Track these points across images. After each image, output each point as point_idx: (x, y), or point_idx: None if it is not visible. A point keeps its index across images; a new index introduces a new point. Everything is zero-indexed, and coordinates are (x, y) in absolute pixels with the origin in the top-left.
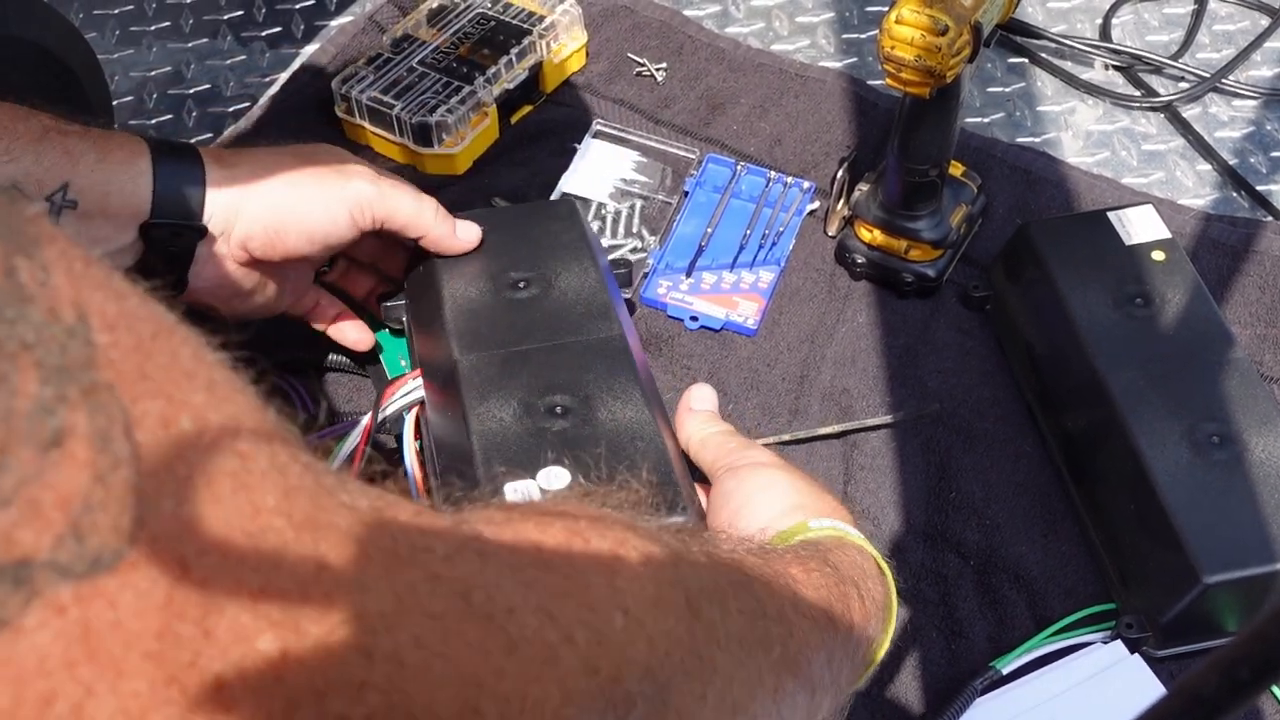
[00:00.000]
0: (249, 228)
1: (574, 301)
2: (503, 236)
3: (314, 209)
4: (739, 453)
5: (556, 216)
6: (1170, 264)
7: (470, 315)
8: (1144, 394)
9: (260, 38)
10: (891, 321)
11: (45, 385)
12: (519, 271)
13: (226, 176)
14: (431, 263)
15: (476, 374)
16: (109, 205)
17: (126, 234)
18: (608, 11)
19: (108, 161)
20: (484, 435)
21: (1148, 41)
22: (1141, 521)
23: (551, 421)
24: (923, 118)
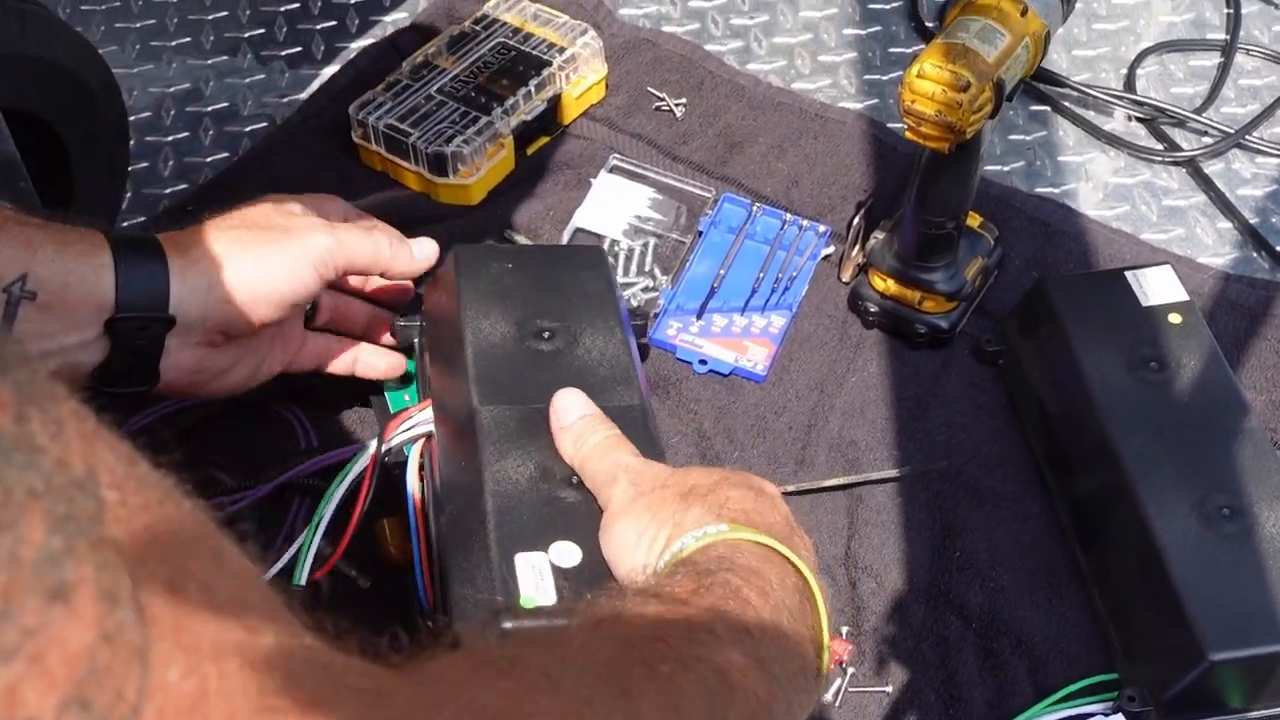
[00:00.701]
0: (220, 312)
1: (597, 362)
2: (530, 279)
3: (279, 276)
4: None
5: (586, 265)
6: (1187, 327)
7: (492, 361)
8: (1156, 461)
9: (280, 57)
10: (902, 372)
11: (53, 535)
12: (545, 320)
13: (189, 264)
14: (454, 290)
15: (496, 428)
16: (69, 297)
17: (90, 328)
18: (629, 44)
19: (67, 253)
20: (499, 497)
21: (1172, 94)
22: (1148, 592)
23: (567, 491)
24: (941, 171)
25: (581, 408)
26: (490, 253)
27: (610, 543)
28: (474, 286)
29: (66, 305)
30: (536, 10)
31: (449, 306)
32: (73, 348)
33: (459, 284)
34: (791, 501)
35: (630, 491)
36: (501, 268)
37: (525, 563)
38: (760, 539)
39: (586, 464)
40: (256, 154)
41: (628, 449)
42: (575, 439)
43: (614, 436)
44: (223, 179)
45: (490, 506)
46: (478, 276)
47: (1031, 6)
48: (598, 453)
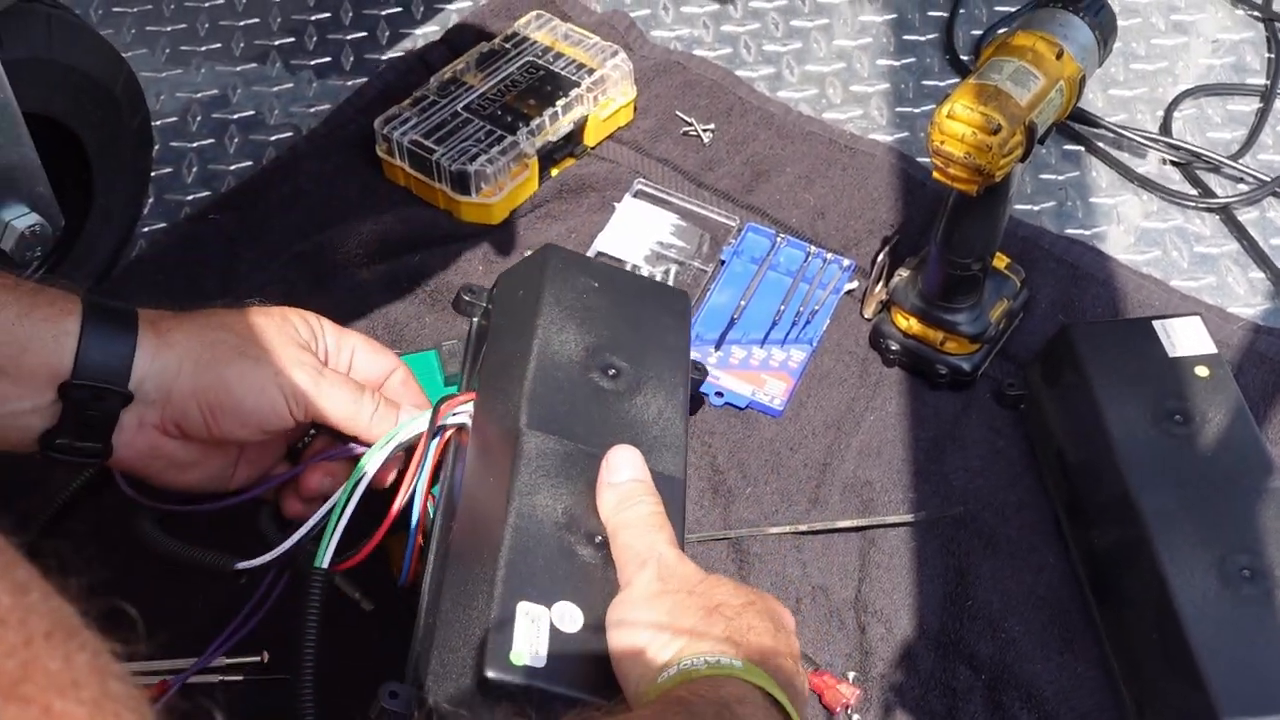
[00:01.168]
0: (182, 405)
1: (653, 420)
2: (612, 306)
3: (248, 394)
4: (627, 571)
5: (670, 309)
6: (1214, 381)
7: (551, 383)
8: (1176, 518)
9: (309, 66)
10: (921, 413)
11: None
12: (615, 356)
13: (161, 346)
14: (537, 291)
15: (537, 458)
16: (24, 362)
17: (43, 394)
18: (660, 67)
19: (30, 317)
20: (519, 534)
21: (1209, 138)
22: (1164, 651)
23: (587, 549)
24: (968, 212)
25: (635, 470)
26: (581, 265)
27: (620, 628)
28: (557, 296)
29: (21, 370)
30: (568, 30)
31: (525, 305)
32: (23, 412)
33: (543, 287)
34: (803, 541)
35: (656, 585)
36: (588, 284)
37: (526, 614)
38: (769, 688)
39: (621, 533)
40: (281, 164)
41: (667, 534)
42: (619, 501)
43: (658, 514)
44: (246, 187)
45: (507, 543)
46: (563, 286)
47: (1067, 50)
48: (638, 527)
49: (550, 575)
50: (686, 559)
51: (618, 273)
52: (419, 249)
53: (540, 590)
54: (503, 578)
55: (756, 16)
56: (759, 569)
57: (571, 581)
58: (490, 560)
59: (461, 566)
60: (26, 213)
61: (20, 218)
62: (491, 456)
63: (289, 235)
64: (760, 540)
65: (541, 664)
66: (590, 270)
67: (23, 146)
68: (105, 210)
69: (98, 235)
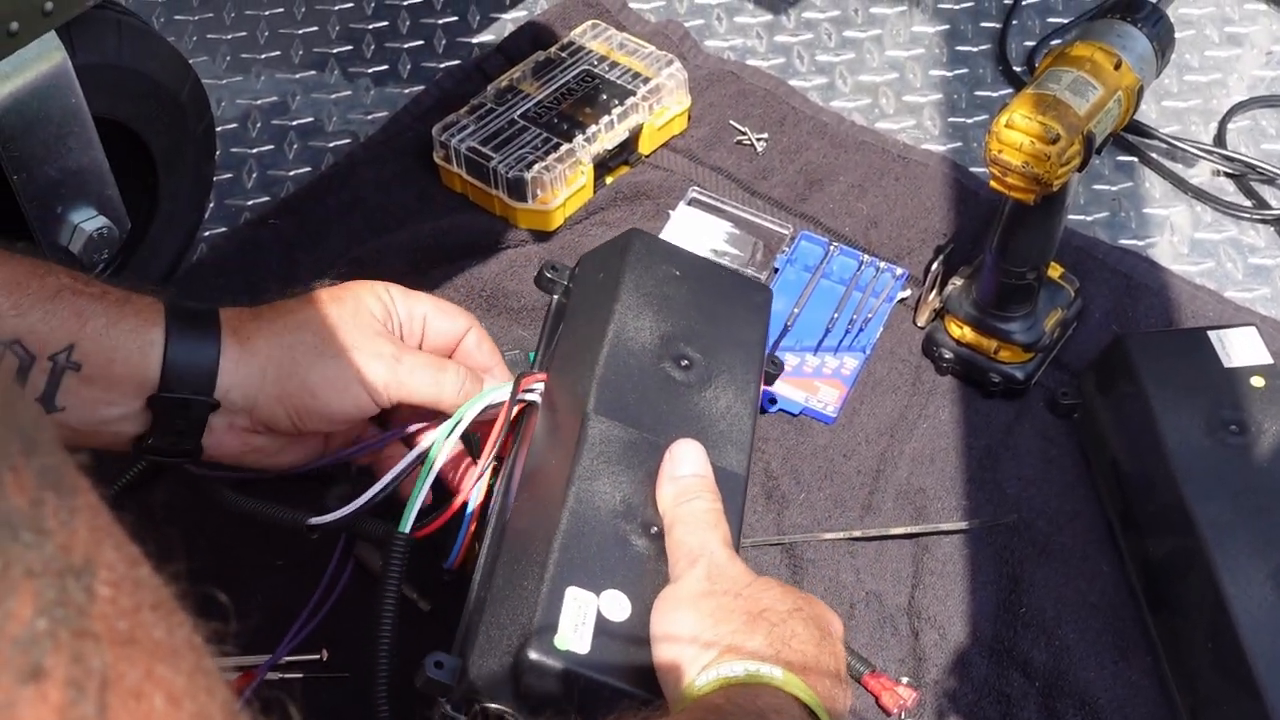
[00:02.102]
0: (268, 410)
1: (721, 414)
2: (691, 295)
3: (332, 394)
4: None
5: (749, 302)
6: (1270, 391)
7: (623, 369)
8: (1232, 527)
9: (367, 74)
10: (974, 421)
11: (39, 616)
12: (689, 346)
13: (243, 354)
14: (617, 275)
15: (601, 444)
16: (114, 372)
17: (132, 402)
18: (713, 76)
19: (118, 327)
20: (576, 518)
21: (1263, 150)
22: (1218, 661)
23: (642, 540)
24: (1024, 221)
25: (697, 464)
26: (665, 252)
27: (663, 623)
28: (637, 281)
29: (110, 379)
30: (623, 39)
31: (605, 287)
32: (114, 419)
33: (624, 271)
34: (857, 547)
35: (704, 585)
36: (669, 272)
37: (574, 599)
38: (807, 700)
39: (676, 527)
40: (338, 170)
41: (722, 532)
42: (677, 495)
43: (714, 512)
44: (304, 193)
45: (563, 526)
46: (644, 272)
47: (1125, 60)
48: (693, 522)
49: (602, 562)
50: (737, 559)
51: (700, 261)
52: (475, 255)
53: (591, 576)
54: (555, 560)
55: (809, 27)
56: (812, 574)
57: (623, 570)
58: (545, 542)
59: (517, 544)
60: (94, 215)
61: (89, 220)
62: (557, 437)
63: (346, 240)
64: (814, 546)
65: (585, 650)
66: (673, 257)
67: (93, 150)
68: (169, 214)
69: (162, 239)
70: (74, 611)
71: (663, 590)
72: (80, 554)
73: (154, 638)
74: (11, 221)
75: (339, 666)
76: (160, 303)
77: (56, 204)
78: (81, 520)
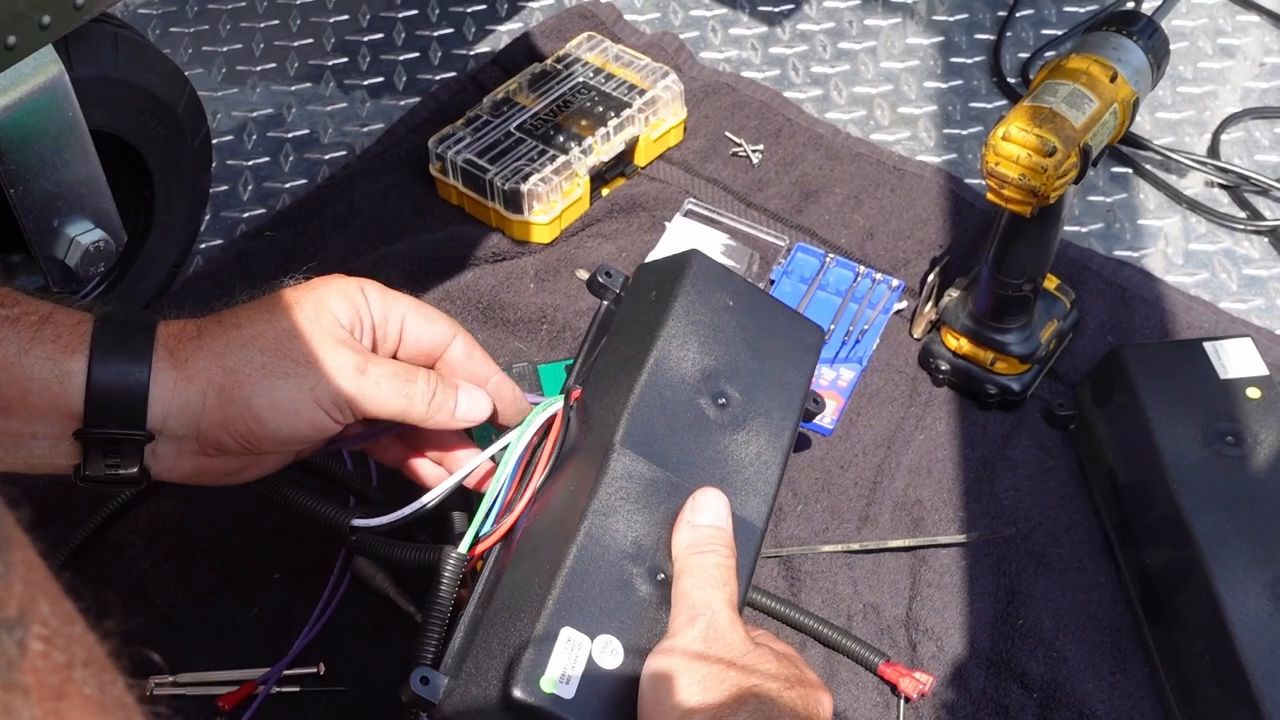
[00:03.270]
0: (214, 437)
1: (749, 460)
2: (740, 328)
3: (281, 419)
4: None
5: (798, 344)
6: (1265, 402)
7: (657, 401)
8: (1228, 538)
9: (362, 86)
10: (971, 433)
11: None
12: (729, 383)
13: (180, 380)
14: (669, 294)
15: (623, 479)
16: (30, 404)
17: (58, 435)
18: (709, 88)
19: (31, 355)
20: (584, 555)
21: (1256, 161)
22: (1216, 673)
23: (647, 586)
24: (1021, 233)
25: (718, 516)
26: (721, 279)
27: (653, 682)
28: (688, 307)
29: (30, 411)
30: (618, 51)
31: (655, 308)
32: (43, 452)
33: (677, 293)
34: (854, 559)
35: (700, 646)
36: (722, 301)
37: (568, 640)
38: None
39: (685, 577)
40: (334, 182)
41: (729, 592)
42: (691, 544)
43: (726, 569)
44: (300, 205)
45: (569, 563)
46: (697, 299)
47: (1121, 73)
48: (703, 576)
49: (603, 605)
50: (739, 623)
51: (756, 294)
52: (471, 267)
53: (588, 618)
54: (555, 597)
55: (804, 39)
56: (810, 586)
57: (622, 615)
58: (548, 575)
59: (522, 569)
60: (91, 229)
61: (85, 233)
62: (580, 461)
63: (343, 253)
64: (811, 558)
65: (570, 695)
66: (729, 286)
67: (89, 164)
68: (166, 227)
69: (158, 252)
70: (4, 664)
71: (659, 644)
72: (14, 608)
73: (85, 694)
74: (8, 234)
75: (337, 680)
76: (88, 321)
77: (53, 217)
78: (16, 575)
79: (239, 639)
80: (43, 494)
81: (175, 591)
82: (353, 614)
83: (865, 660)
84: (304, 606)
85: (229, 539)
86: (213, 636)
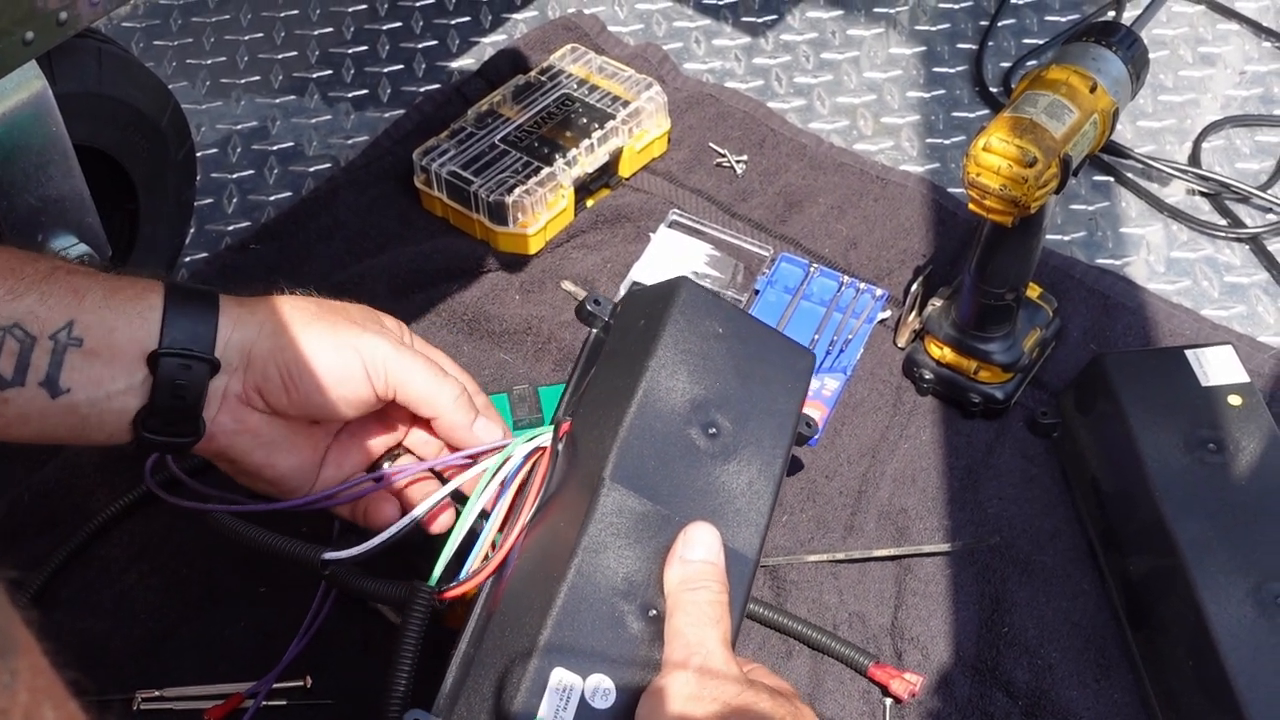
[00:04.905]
0: (261, 368)
1: (740, 491)
2: (729, 355)
3: (326, 356)
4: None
5: (789, 369)
6: (1247, 410)
7: (647, 433)
8: (1211, 545)
9: (347, 99)
10: (955, 442)
11: None
12: (720, 413)
13: (243, 315)
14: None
15: (614, 514)
16: (114, 341)
17: (134, 371)
18: (692, 99)
19: (114, 299)
20: (574, 593)
21: (1237, 169)
22: (1200, 680)
23: (639, 623)
24: (1003, 243)
25: (710, 551)
26: (710, 307)
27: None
28: (677, 336)
29: (113, 349)
30: (602, 63)
31: (645, 337)
32: (119, 393)
33: (666, 322)
34: (840, 568)
35: (693, 688)
36: (711, 329)
37: (559, 682)
38: None
39: (677, 614)
40: (319, 195)
41: (722, 630)
42: (683, 580)
43: (718, 605)
44: (285, 218)
45: (559, 603)
46: (686, 326)
47: (1101, 83)
48: (695, 614)
49: (594, 643)
50: (733, 660)
51: (745, 321)
52: (456, 279)
53: (580, 657)
54: (546, 638)
55: (787, 49)
56: (796, 596)
57: (614, 654)
58: (539, 614)
59: (513, 606)
60: (75, 243)
61: (69, 248)
62: (570, 495)
63: (328, 265)
64: (797, 568)
65: None
66: (718, 314)
67: (73, 178)
68: (150, 240)
69: (142, 265)
70: None
71: (651, 683)
72: (19, 715)
73: None
74: None
75: (323, 693)
76: (157, 279)
77: (37, 232)
78: (22, 682)
79: (225, 653)
80: (31, 509)
81: (161, 606)
82: (340, 627)
83: (855, 662)
84: (290, 620)
85: (215, 553)
86: (199, 650)
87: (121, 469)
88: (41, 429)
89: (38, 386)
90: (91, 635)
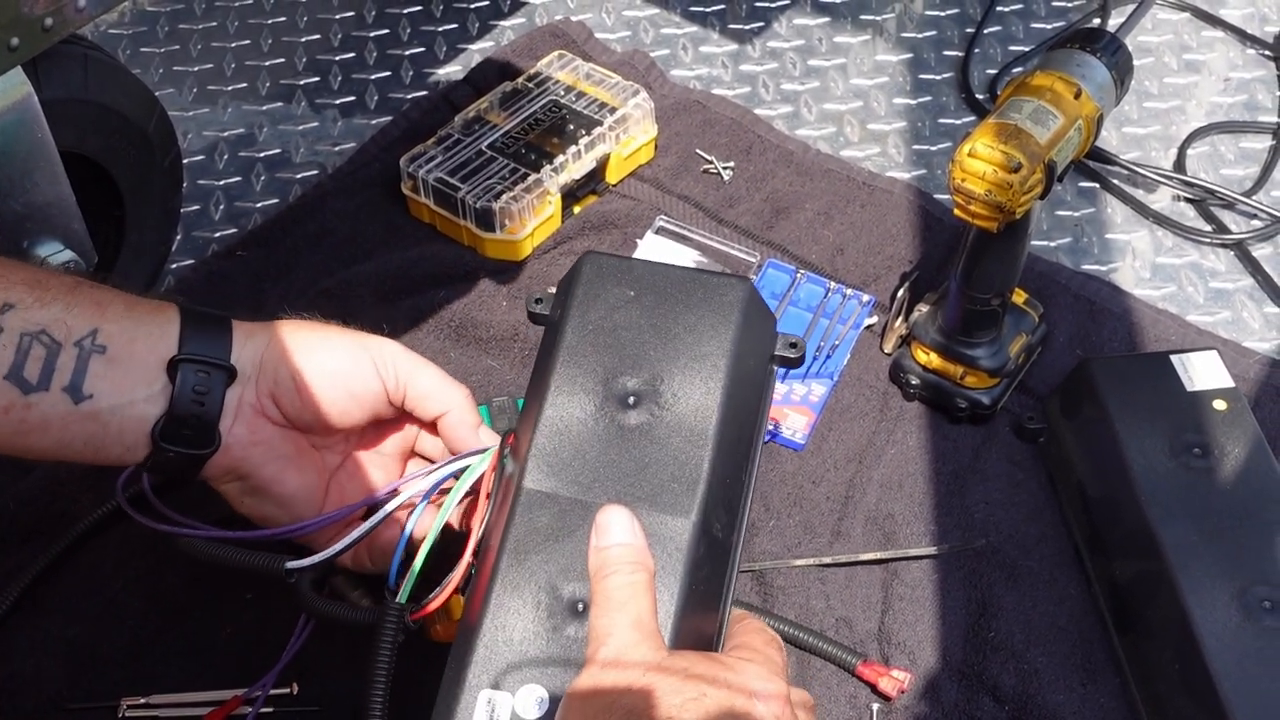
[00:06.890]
0: (274, 374)
1: (670, 454)
2: (647, 314)
3: (337, 355)
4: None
5: (716, 305)
6: (1232, 414)
7: (560, 427)
8: (1196, 549)
9: (334, 105)
10: (942, 447)
11: None
12: (637, 379)
13: (253, 330)
14: (564, 299)
15: (531, 516)
16: (136, 350)
17: (155, 379)
18: (680, 105)
19: (135, 311)
20: (499, 608)
21: (1222, 175)
22: (1185, 682)
23: (571, 623)
24: (989, 249)
25: (622, 533)
26: (618, 273)
27: None
28: (581, 317)
29: (134, 357)
30: (589, 70)
31: (556, 328)
32: (140, 400)
33: (570, 307)
34: (826, 573)
35: (595, 678)
36: (622, 295)
37: (487, 704)
38: None
39: (593, 606)
40: (306, 201)
41: (635, 610)
42: (597, 569)
43: (633, 585)
44: (272, 224)
45: (485, 622)
46: (591, 303)
47: (1085, 89)
48: (605, 602)
49: (526, 653)
50: (645, 640)
51: (661, 273)
52: (443, 285)
53: (510, 673)
54: (474, 659)
55: (774, 56)
56: (782, 601)
57: (543, 661)
58: (467, 638)
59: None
60: (61, 249)
61: (55, 254)
62: (500, 511)
63: (315, 272)
64: (784, 573)
65: None
66: (628, 277)
67: (59, 185)
68: (137, 247)
69: (129, 272)
70: None
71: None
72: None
73: None
74: None
75: (309, 700)
76: (170, 300)
77: (22, 238)
78: None
79: (211, 659)
80: (15, 517)
81: (147, 612)
82: (326, 633)
83: (843, 661)
84: (276, 627)
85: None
86: (185, 657)
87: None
88: (61, 438)
89: (61, 392)
90: (78, 642)
